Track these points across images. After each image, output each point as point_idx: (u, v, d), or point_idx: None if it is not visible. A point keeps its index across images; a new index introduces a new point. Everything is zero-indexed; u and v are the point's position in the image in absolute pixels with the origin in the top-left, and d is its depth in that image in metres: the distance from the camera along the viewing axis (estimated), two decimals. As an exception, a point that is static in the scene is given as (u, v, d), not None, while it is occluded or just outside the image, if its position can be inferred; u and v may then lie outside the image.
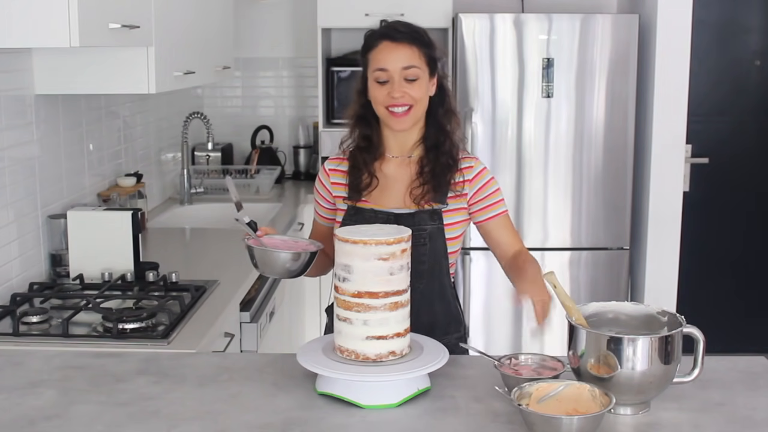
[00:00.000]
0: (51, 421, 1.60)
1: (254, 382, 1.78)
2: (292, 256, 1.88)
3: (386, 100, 2.00)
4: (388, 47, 2.01)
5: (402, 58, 2.00)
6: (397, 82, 1.99)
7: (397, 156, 2.10)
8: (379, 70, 2.01)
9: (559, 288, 1.70)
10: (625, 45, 4.01)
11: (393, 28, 2.04)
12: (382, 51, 2.01)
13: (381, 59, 2.01)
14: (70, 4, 2.05)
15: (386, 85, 2.00)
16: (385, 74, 2.00)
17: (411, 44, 2.01)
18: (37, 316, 2.22)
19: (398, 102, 2.00)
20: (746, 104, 4.57)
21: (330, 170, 2.13)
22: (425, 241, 2.03)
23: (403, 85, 1.99)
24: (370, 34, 2.07)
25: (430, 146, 2.08)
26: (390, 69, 1.99)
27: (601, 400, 1.51)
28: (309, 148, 4.67)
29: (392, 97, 1.99)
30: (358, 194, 2.07)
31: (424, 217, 2.04)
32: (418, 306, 1.88)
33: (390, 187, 2.08)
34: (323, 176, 2.15)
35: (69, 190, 2.93)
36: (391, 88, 2.00)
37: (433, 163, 2.06)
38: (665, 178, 4.09)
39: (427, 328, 1.90)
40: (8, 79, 2.51)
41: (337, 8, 4.19)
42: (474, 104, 4.04)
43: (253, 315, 2.79)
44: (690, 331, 1.64)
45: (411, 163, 2.09)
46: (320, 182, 2.16)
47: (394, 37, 2.01)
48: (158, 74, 2.66)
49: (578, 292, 4.10)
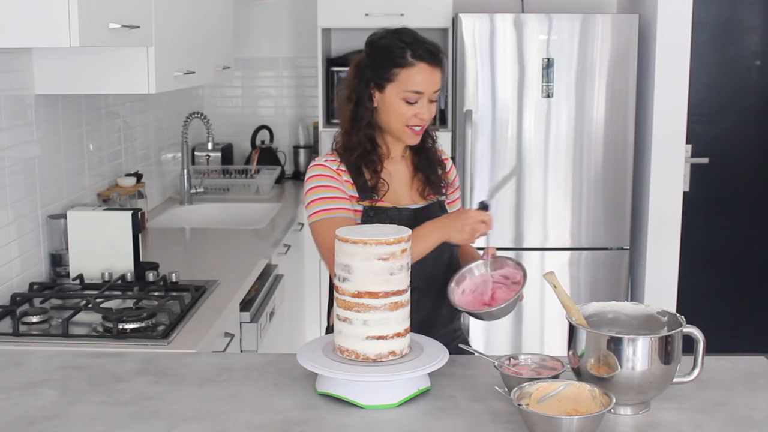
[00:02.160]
0: (51, 421, 1.60)
1: (254, 382, 1.78)
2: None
3: (412, 120, 2.05)
4: (425, 70, 2.03)
5: (436, 83, 2.05)
6: (426, 105, 2.05)
7: (393, 156, 2.15)
8: (414, 92, 2.03)
9: (559, 288, 1.70)
10: (625, 45, 4.01)
11: (429, 51, 2.04)
12: (420, 73, 2.03)
13: (419, 82, 2.03)
14: (70, 4, 2.05)
15: (414, 105, 2.04)
16: (418, 96, 2.03)
17: (441, 68, 2.06)
18: (37, 316, 2.22)
19: (423, 124, 2.07)
20: (746, 104, 4.57)
21: (338, 170, 2.10)
22: None
23: (429, 105, 2.06)
24: (393, 45, 2.04)
25: (419, 147, 2.17)
26: (425, 92, 2.04)
27: (601, 400, 1.51)
28: (309, 148, 4.68)
29: (421, 119, 2.05)
30: (370, 195, 2.08)
31: (436, 209, 2.14)
32: (444, 297, 2.03)
33: (395, 185, 2.13)
34: (334, 174, 2.08)
35: (69, 190, 2.93)
36: (420, 110, 2.04)
37: (424, 162, 2.16)
38: (665, 178, 4.09)
39: (446, 318, 2.13)
40: (8, 79, 2.51)
41: (337, 8, 4.19)
42: (474, 104, 4.04)
43: (253, 315, 2.79)
44: (690, 331, 1.64)
45: (404, 161, 2.17)
46: (333, 179, 2.08)
47: (431, 61, 2.04)
48: (158, 74, 2.66)
49: (578, 292, 4.10)
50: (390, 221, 2.02)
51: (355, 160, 2.09)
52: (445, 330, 2.12)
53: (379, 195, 2.08)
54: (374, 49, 2.08)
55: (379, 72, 2.05)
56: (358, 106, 2.09)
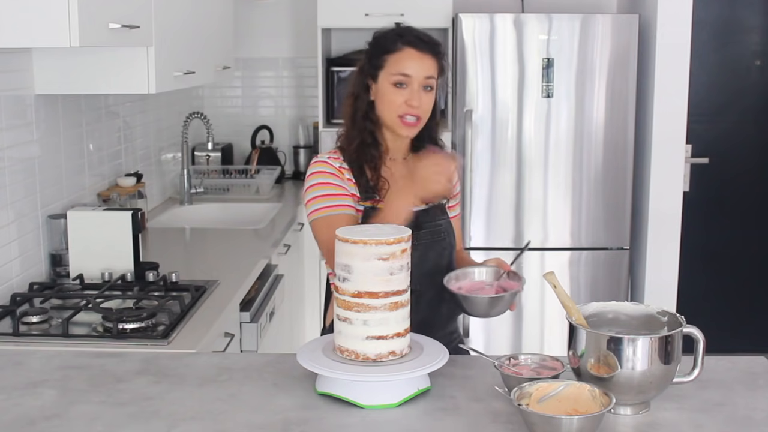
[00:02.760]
0: (51, 421, 1.59)
1: (254, 382, 1.78)
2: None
3: (402, 108, 2.02)
4: (413, 55, 2.02)
5: (426, 68, 2.03)
6: (416, 91, 2.02)
7: (395, 158, 2.13)
8: (401, 75, 2.02)
9: (559, 288, 1.70)
10: (625, 45, 4.01)
11: (417, 37, 2.04)
12: (407, 57, 2.02)
13: (406, 65, 2.02)
14: (70, 4, 2.05)
15: (404, 91, 2.02)
16: (406, 79, 2.02)
17: (432, 56, 2.04)
18: (37, 316, 2.22)
19: (413, 112, 2.02)
20: (746, 104, 4.57)
21: (340, 168, 2.08)
22: (445, 235, 2.10)
23: (421, 93, 2.02)
24: (387, 36, 2.07)
25: (422, 150, 2.13)
26: (413, 75, 2.02)
27: (601, 400, 1.51)
28: (309, 148, 4.68)
29: (410, 105, 2.02)
30: (372, 195, 2.07)
31: (437, 212, 2.13)
32: (442, 299, 2.02)
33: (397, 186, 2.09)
34: (336, 172, 2.06)
35: (69, 190, 2.93)
36: (409, 96, 2.02)
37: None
38: (665, 178, 4.09)
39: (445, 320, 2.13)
40: (8, 79, 2.51)
41: (337, 8, 4.19)
42: (474, 104, 4.04)
43: (253, 315, 2.79)
44: (690, 331, 1.64)
45: (406, 164, 2.14)
46: (335, 176, 2.06)
47: (419, 46, 2.03)
48: (158, 74, 2.66)
49: (578, 292, 4.10)
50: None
51: (355, 154, 2.08)
52: (443, 332, 2.11)
53: (380, 195, 2.07)
54: (371, 42, 2.11)
55: (372, 61, 2.07)
56: (357, 99, 2.11)
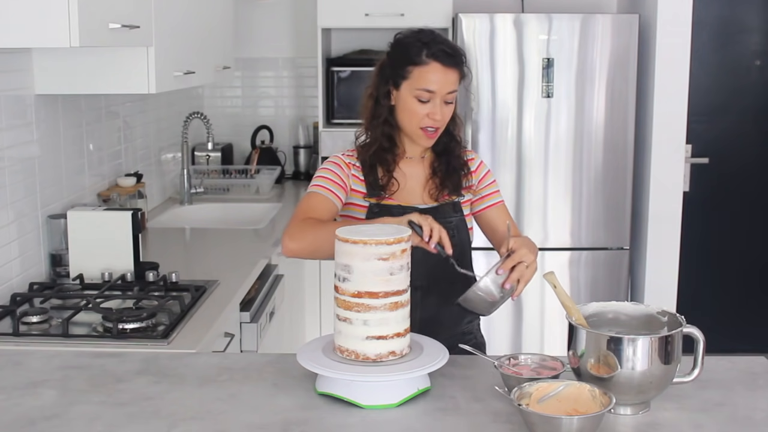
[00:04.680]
0: (51, 421, 1.60)
1: (254, 382, 1.78)
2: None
3: (424, 121, 2.04)
4: (438, 69, 2.02)
5: (450, 83, 2.03)
6: (439, 105, 2.03)
7: (411, 157, 2.15)
8: (425, 91, 2.02)
9: (559, 288, 1.70)
10: (625, 45, 4.01)
11: (443, 50, 2.03)
12: (433, 72, 2.01)
13: (431, 81, 2.01)
14: (70, 4, 2.04)
15: (426, 105, 2.03)
16: (430, 96, 2.02)
17: (456, 69, 2.04)
18: (37, 316, 2.22)
19: (435, 124, 2.05)
20: (746, 104, 4.57)
21: (349, 163, 2.13)
22: (454, 234, 2.09)
23: (443, 107, 2.04)
24: (412, 43, 2.05)
25: (441, 150, 2.15)
26: (437, 91, 2.02)
27: (601, 400, 1.51)
28: (309, 148, 4.68)
29: (433, 119, 2.03)
30: (378, 192, 2.09)
31: (448, 210, 2.12)
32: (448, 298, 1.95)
33: (408, 185, 2.13)
34: (343, 165, 2.12)
35: (69, 190, 2.93)
36: (432, 110, 2.03)
37: (445, 166, 2.14)
38: (665, 178, 4.09)
39: (452, 320, 2.11)
40: (8, 79, 2.51)
41: (337, 8, 4.19)
42: (474, 104, 4.04)
43: (253, 315, 2.79)
44: (690, 331, 1.64)
45: (424, 162, 2.16)
46: (339, 167, 2.12)
47: (444, 61, 2.02)
48: (158, 74, 2.66)
49: (578, 292, 4.10)
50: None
51: (370, 156, 2.11)
52: (451, 332, 2.10)
53: (387, 193, 2.09)
54: (394, 47, 2.10)
55: (396, 69, 2.06)
56: (377, 103, 2.11)
